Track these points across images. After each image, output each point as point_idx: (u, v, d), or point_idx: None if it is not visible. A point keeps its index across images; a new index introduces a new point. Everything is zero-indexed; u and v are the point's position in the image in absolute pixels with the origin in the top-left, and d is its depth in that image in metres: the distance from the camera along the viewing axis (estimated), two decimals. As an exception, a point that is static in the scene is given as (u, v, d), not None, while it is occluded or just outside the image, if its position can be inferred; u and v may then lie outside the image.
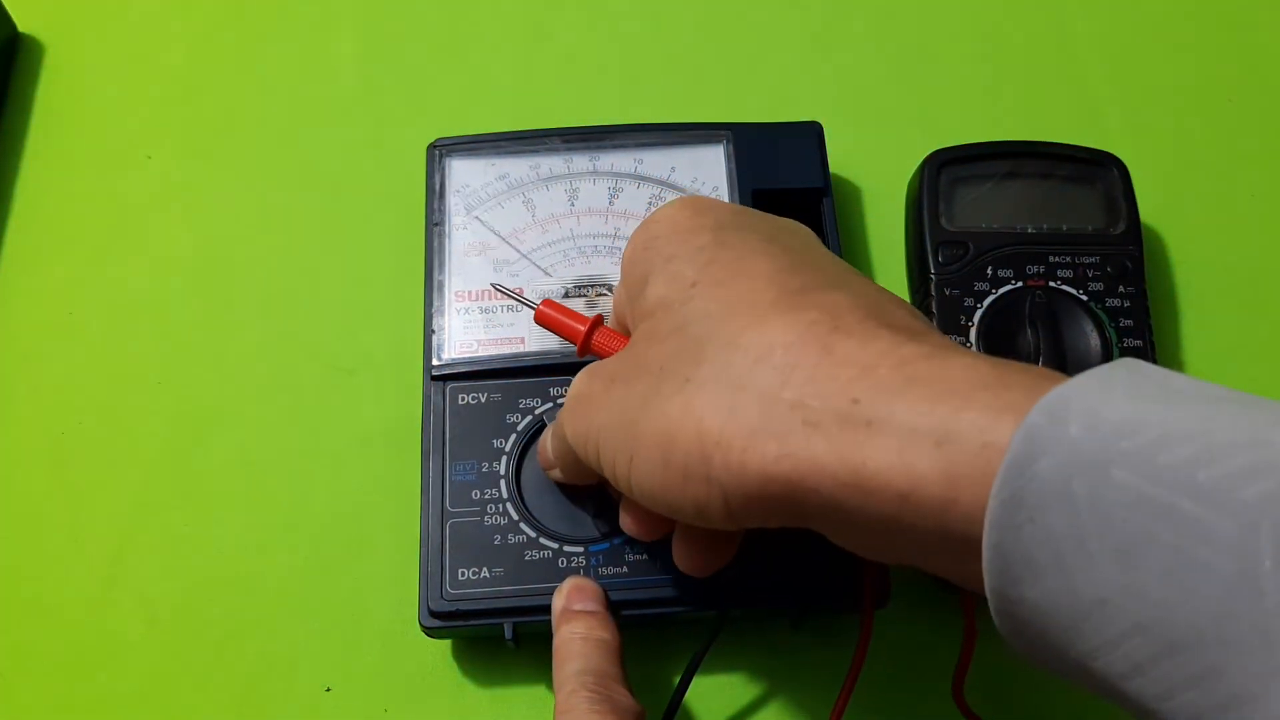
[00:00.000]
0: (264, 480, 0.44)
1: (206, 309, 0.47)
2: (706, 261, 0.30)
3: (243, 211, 0.49)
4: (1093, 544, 0.21)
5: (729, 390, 0.27)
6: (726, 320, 0.28)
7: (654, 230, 0.33)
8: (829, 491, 0.25)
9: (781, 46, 0.53)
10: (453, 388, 0.41)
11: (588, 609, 0.36)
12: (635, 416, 0.29)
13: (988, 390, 0.24)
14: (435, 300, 0.43)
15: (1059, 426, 0.21)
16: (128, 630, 0.41)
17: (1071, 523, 0.21)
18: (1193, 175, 0.49)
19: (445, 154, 0.45)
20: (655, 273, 0.31)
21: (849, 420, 0.25)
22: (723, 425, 0.27)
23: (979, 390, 0.24)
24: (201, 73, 0.53)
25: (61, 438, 0.44)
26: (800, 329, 0.27)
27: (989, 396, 0.23)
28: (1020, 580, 0.22)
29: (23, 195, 0.50)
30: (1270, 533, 0.19)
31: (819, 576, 0.37)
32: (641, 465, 0.29)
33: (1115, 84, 0.51)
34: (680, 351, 0.29)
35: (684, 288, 0.30)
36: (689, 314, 0.29)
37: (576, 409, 0.32)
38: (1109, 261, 0.43)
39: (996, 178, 0.45)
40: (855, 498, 0.25)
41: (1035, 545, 0.21)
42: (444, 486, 0.39)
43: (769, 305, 0.28)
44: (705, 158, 0.45)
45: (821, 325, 0.27)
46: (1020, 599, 0.22)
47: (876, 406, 0.25)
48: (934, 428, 0.23)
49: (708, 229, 0.32)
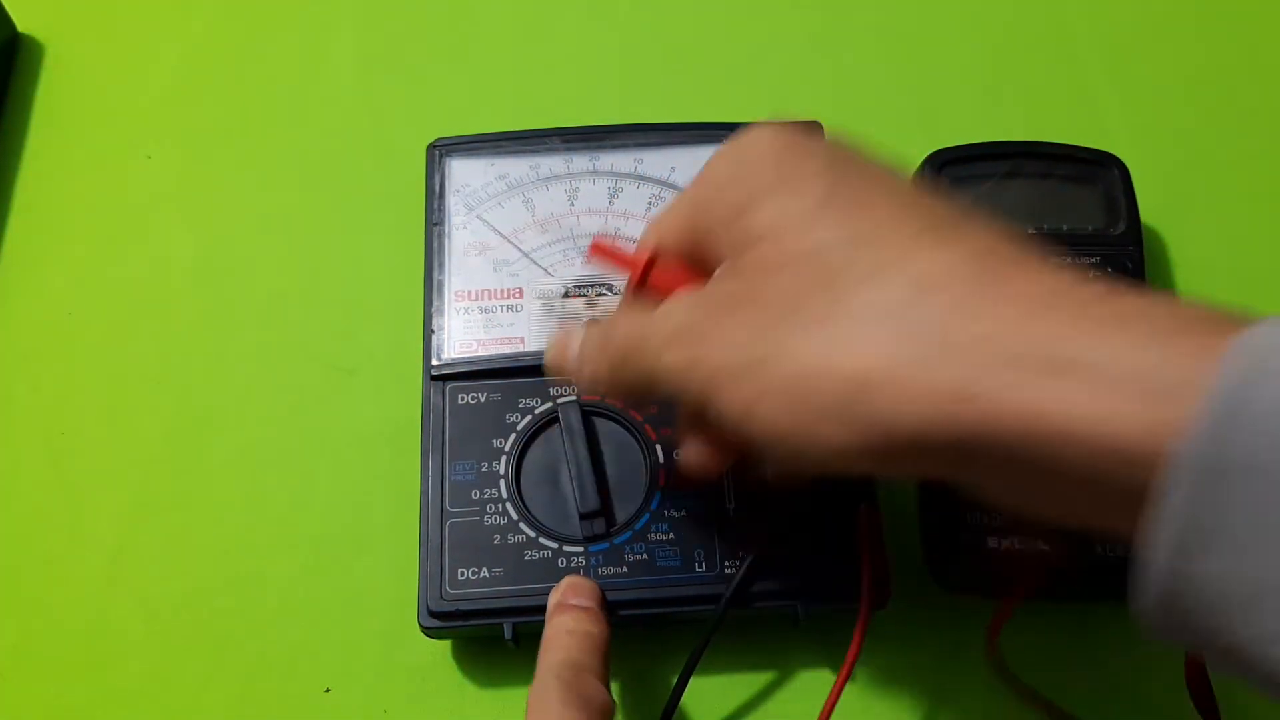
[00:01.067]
0: (264, 480, 0.44)
1: (206, 309, 0.47)
2: (830, 185, 0.27)
3: (242, 211, 0.49)
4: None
5: (885, 324, 0.24)
6: (866, 248, 0.26)
7: (750, 152, 0.30)
8: (1009, 439, 0.23)
9: (781, 46, 0.53)
10: (452, 388, 0.41)
11: (580, 604, 0.36)
12: (763, 354, 0.26)
13: (1189, 334, 0.21)
14: (435, 300, 0.43)
15: (1272, 380, 0.19)
16: (127, 630, 0.41)
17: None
18: (1193, 175, 0.49)
19: (445, 154, 0.45)
20: (762, 196, 0.28)
21: (1043, 361, 0.22)
22: (884, 364, 0.24)
23: (1180, 335, 0.22)
24: (201, 73, 0.53)
25: (61, 438, 0.44)
26: (959, 259, 0.25)
27: (1192, 342, 0.21)
28: (1205, 549, 0.20)
29: (23, 195, 0.50)
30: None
31: (819, 576, 0.38)
32: (769, 406, 0.26)
33: (1115, 84, 0.51)
34: (811, 284, 0.26)
35: (805, 213, 0.27)
36: (817, 242, 0.26)
37: (682, 341, 0.29)
38: (1109, 261, 0.43)
39: (996, 178, 0.45)
40: (1038, 446, 0.22)
41: (1233, 510, 0.19)
42: (443, 486, 0.39)
43: (915, 234, 0.26)
44: (705, 158, 0.44)
45: (986, 257, 0.25)
46: (1194, 572, 0.20)
47: (1072, 346, 0.22)
48: (1140, 373, 0.21)
49: (820, 154, 0.29)
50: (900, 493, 0.43)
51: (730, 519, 0.39)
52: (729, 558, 0.38)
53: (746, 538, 0.38)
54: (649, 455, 0.40)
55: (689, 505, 0.39)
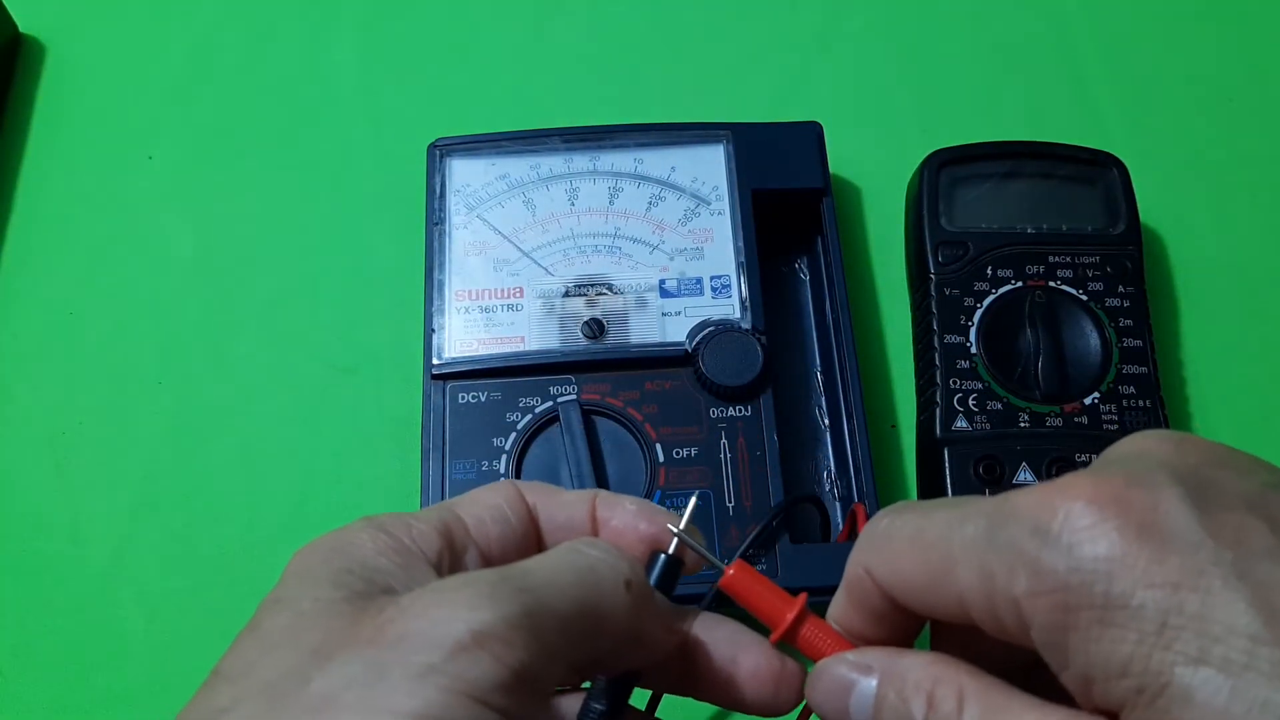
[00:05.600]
0: (264, 480, 0.44)
1: (206, 309, 0.47)
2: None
3: (243, 211, 0.49)
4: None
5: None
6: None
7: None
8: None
9: (781, 46, 0.53)
10: (453, 387, 0.41)
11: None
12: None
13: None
14: (435, 300, 0.43)
15: None
16: (127, 629, 0.41)
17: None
18: (1193, 175, 0.49)
19: (445, 154, 0.45)
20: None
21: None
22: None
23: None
24: (202, 73, 0.53)
25: (61, 438, 0.44)
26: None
27: None
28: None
29: (23, 195, 0.50)
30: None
31: (815, 574, 0.38)
32: None
33: (1115, 84, 0.51)
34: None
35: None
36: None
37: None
38: (1109, 261, 0.43)
39: (996, 178, 0.45)
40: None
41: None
42: (444, 485, 0.39)
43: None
44: (705, 158, 0.45)
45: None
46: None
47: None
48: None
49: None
50: (899, 492, 0.43)
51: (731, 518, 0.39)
52: (729, 558, 0.38)
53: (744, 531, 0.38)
54: (649, 454, 0.40)
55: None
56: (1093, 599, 0.19)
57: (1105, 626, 0.19)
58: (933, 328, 0.42)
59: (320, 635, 0.20)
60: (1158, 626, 0.18)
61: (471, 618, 0.20)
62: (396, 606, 0.21)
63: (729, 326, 0.41)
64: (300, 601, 0.22)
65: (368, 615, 0.21)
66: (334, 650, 0.20)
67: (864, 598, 0.24)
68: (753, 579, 0.26)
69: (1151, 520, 0.19)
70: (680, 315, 0.42)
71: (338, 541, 0.24)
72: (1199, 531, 0.19)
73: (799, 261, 0.46)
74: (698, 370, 0.41)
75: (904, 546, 0.23)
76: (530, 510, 0.26)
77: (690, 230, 0.44)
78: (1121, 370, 0.41)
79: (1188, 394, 0.45)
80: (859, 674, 0.23)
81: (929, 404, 0.42)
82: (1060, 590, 0.19)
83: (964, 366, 0.42)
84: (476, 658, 0.19)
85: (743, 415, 0.40)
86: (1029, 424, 0.41)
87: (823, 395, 0.44)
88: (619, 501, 0.26)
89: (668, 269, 0.43)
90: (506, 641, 0.20)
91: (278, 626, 0.21)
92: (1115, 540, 0.19)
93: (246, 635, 0.22)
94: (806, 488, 0.42)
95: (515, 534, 0.25)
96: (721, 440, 0.40)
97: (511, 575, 0.22)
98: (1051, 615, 0.19)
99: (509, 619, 0.20)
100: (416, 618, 0.20)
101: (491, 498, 0.26)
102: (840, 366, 0.42)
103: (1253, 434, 0.44)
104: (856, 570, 0.24)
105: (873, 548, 0.24)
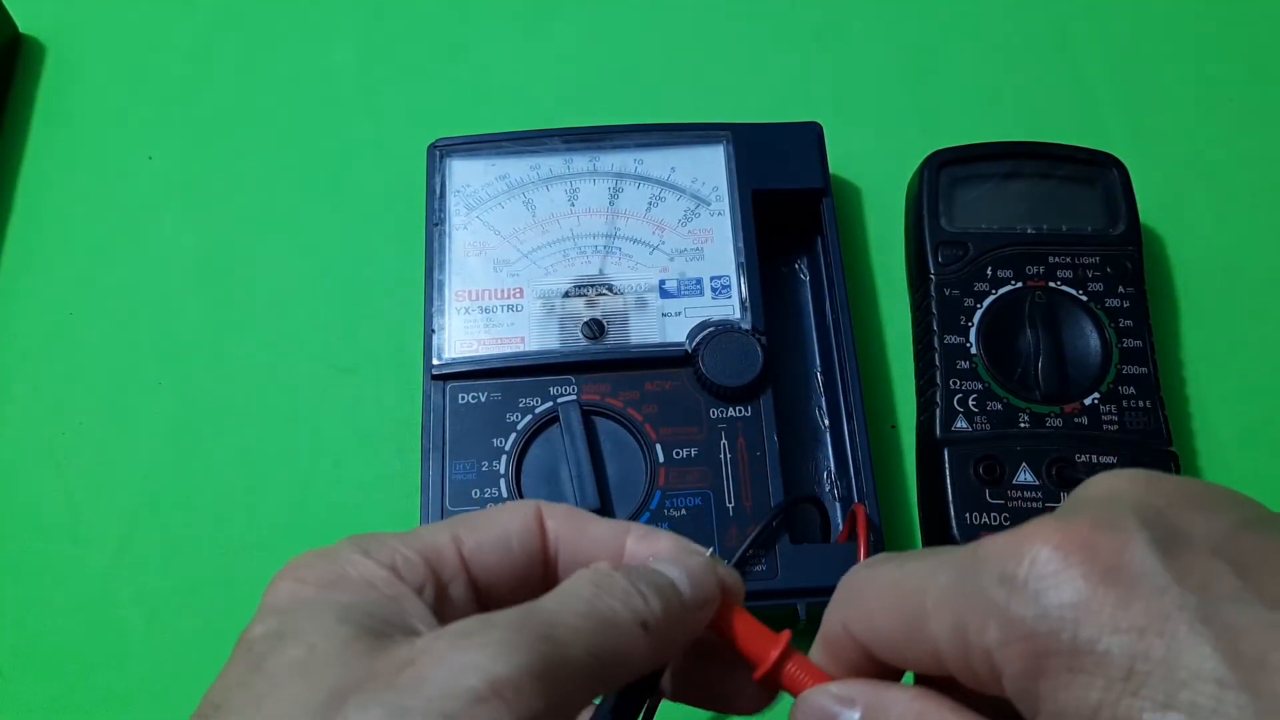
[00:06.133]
0: (264, 480, 0.44)
1: (206, 309, 0.47)
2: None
3: (243, 212, 0.49)
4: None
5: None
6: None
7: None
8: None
9: (781, 46, 0.53)
10: (453, 387, 0.41)
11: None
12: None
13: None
14: (435, 300, 0.43)
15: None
16: (128, 629, 0.41)
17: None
18: (1193, 175, 0.49)
19: (445, 154, 0.45)
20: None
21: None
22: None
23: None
24: (201, 73, 0.53)
25: (61, 438, 0.44)
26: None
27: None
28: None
29: (23, 195, 0.50)
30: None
31: (819, 574, 0.38)
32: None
33: (1115, 84, 0.51)
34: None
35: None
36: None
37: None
38: (1109, 262, 0.43)
39: (996, 178, 0.45)
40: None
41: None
42: (444, 485, 0.39)
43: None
44: (705, 158, 0.45)
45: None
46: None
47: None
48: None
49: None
50: (899, 492, 0.43)
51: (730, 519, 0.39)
52: (729, 558, 0.38)
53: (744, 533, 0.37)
54: (649, 455, 0.40)
55: (689, 504, 0.39)
56: (1060, 646, 0.19)
57: (1074, 673, 0.18)
58: (933, 328, 0.42)
59: (336, 675, 0.20)
60: (1125, 672, 0.18)
61: (490, 668, 0.20)
62: (412, 648, 0.21)
63: (729, 327, 0.41)
64: (308, 636, 0.21)
65: (383, 655, 0.21)
66: (350, 692, 0.20)
67: (841, 652, 0.24)
68: (737, 617, 0.26)
69: (1117, 564, 0.19)
70: (680, 316, 0.42)
71: (330, 571, 0.23)
72: (1164, 575, 0.18)
73: (799, 262, 0.46)
74: (698, 371, 0.41)
75: (879, 600, 0.22)
76: (546, 539, 0.25)
77: (690, 231, 0.44)
78: (1121, 371, 0.41)
79: (1188, 394, 0.45)
80: (842, 706, 0.23)
81: (929, 404, 0.42)
82: (1029, 638, 0.19)
83: (964, 367, 0.42)
84: (494, 708, 0.19)
85: (743, 416, 0.40)
86: (1029, 424, 0.41)
87: (823, 395, 0.44)
88: (655, 540, 0.25)
89: (668, 269, 0.43)
90: (524, 691, 0.20)
91: (286, 662, 0.21)
92: (1080, 586, 0.19)
93: (245, 668, 0.21)
94: (806, 488, 0.42)
95: (516, 565, 0.25)
96: (721, 441, 0.40)
97: (530, 622, 0.21)
98: (1022, 663, 0.19)
99: (528, 669, 0.20)
100: (435, 664, 0.20)
101: (500, 526, 0.25)
102: (840, 367, 0.42)
103: (1253, 434, 0.44)
104: (833, 625, 0.24)
105: (849, 601, 0.23)
